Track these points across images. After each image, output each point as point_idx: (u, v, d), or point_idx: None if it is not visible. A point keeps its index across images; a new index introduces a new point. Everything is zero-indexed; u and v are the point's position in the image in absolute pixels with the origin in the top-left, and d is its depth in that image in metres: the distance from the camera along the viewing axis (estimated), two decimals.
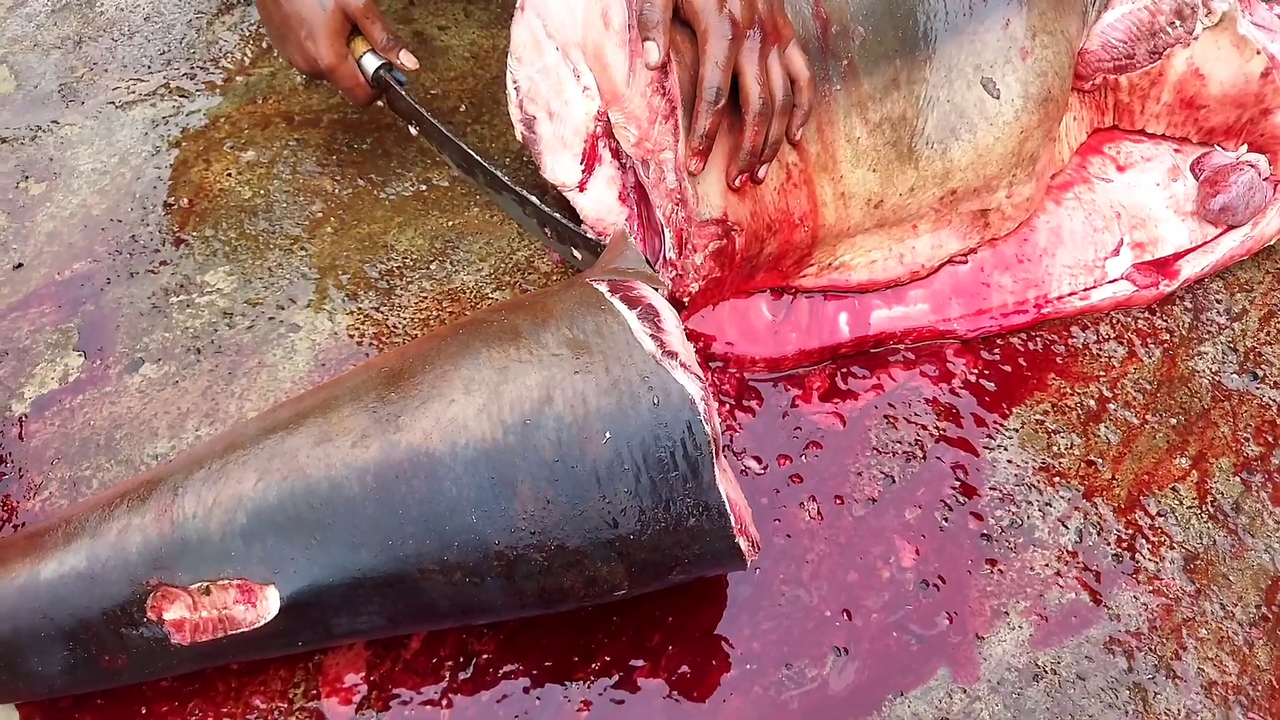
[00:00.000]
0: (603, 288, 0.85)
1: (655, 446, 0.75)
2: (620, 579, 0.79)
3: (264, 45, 1.39)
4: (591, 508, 0.76)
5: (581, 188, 1.11)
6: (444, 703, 0.87)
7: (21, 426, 1.02)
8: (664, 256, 1.03)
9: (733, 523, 0.78)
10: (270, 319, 1.11)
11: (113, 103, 1.31)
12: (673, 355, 0.78)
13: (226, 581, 0.76)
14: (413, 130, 1.19)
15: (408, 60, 1.12)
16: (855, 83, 1.04)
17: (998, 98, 1.09)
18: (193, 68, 1.36)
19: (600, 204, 1.10)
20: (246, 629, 0.77)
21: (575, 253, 1.10)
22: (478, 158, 1.13)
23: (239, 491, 0.77)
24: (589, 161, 1.09)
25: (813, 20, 1.04)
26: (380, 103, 1.19)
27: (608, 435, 0.75)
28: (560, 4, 1.08)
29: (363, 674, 0.88)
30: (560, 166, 1.11)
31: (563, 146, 1.13)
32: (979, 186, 1.12)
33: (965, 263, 1.16)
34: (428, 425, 0.77)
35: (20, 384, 1.05)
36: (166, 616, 0.76)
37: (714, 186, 1.01)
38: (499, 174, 1.11)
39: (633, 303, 0.82)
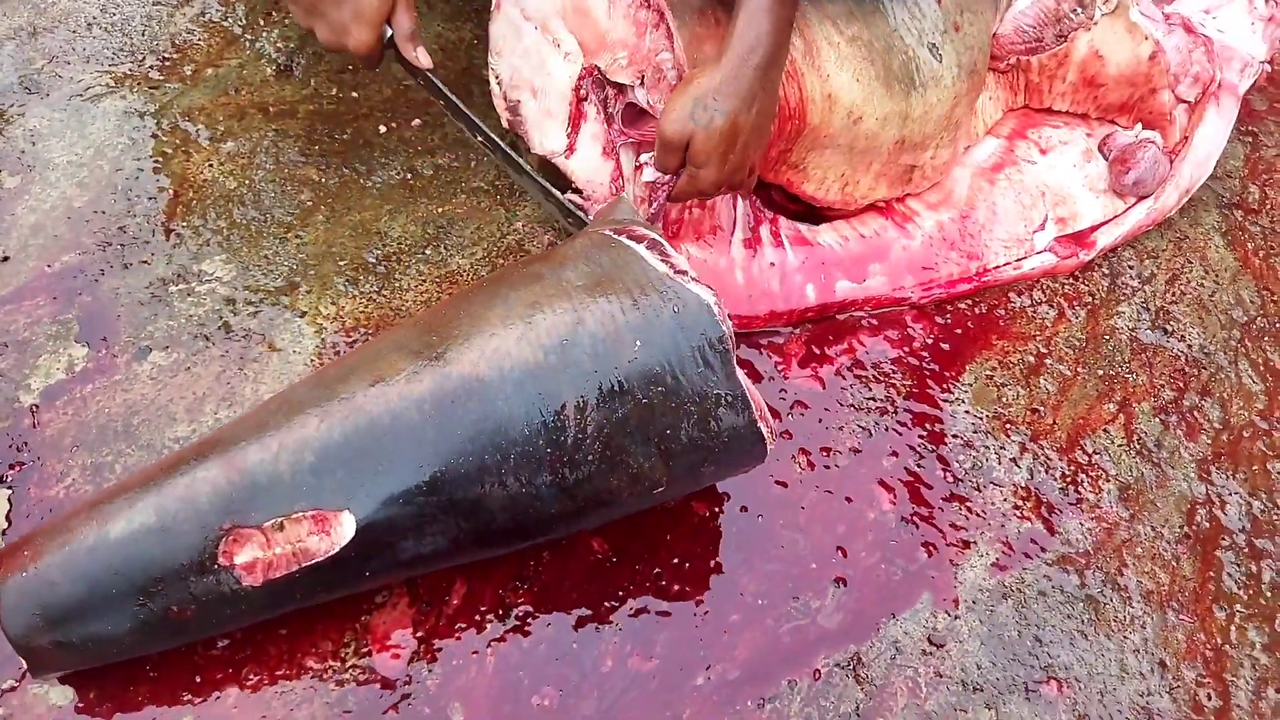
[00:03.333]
0: (608, 232, 0.95)
1: (682, 347, 0.85)
2: (660, 474, 0.88)
3: (229, 36, 1.40)
4: (630, 409, 0.85)
5: (570, 150, 1.19)
6: (489, 650, 0.94)
7: (34, 416, 1.03)
8: None
9: (754, 408, 0.88)
10: (274, 305, 1.14)
11: (80, 95, 1.31)
12: (683, 273, 0.89)
13: (300, 514, 0.81)
14: (419, 81, 1.19)
15: (424, 58, 1.14)
16: (819, 1, 1.15)
17: (940, 61, 1.22)
18: (159, 60, 1.36)
19: (588, 163, 1.18)
20: (321, 558, 0.81)
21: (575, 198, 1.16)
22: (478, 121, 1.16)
23: (303, 435, 0.82)
24: (574, 122, 1.17)
25: None
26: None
27: (638, 343, 0.85)
28: None
29: (409, 629, 0.94)
30: (548, 136, 1.19)
31: (547, 117, 1.20)
32: (916, 143, 1.25)
33: (914, 239, 1.28)
34: (474, 356, 0.84)
35: (25, 375, 1.06)
36: (238, 560, 0.81)
37: None
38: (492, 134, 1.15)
39: (639, 239, 0.93)
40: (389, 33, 1.13)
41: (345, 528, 0.81)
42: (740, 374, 0.88)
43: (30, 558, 0.81)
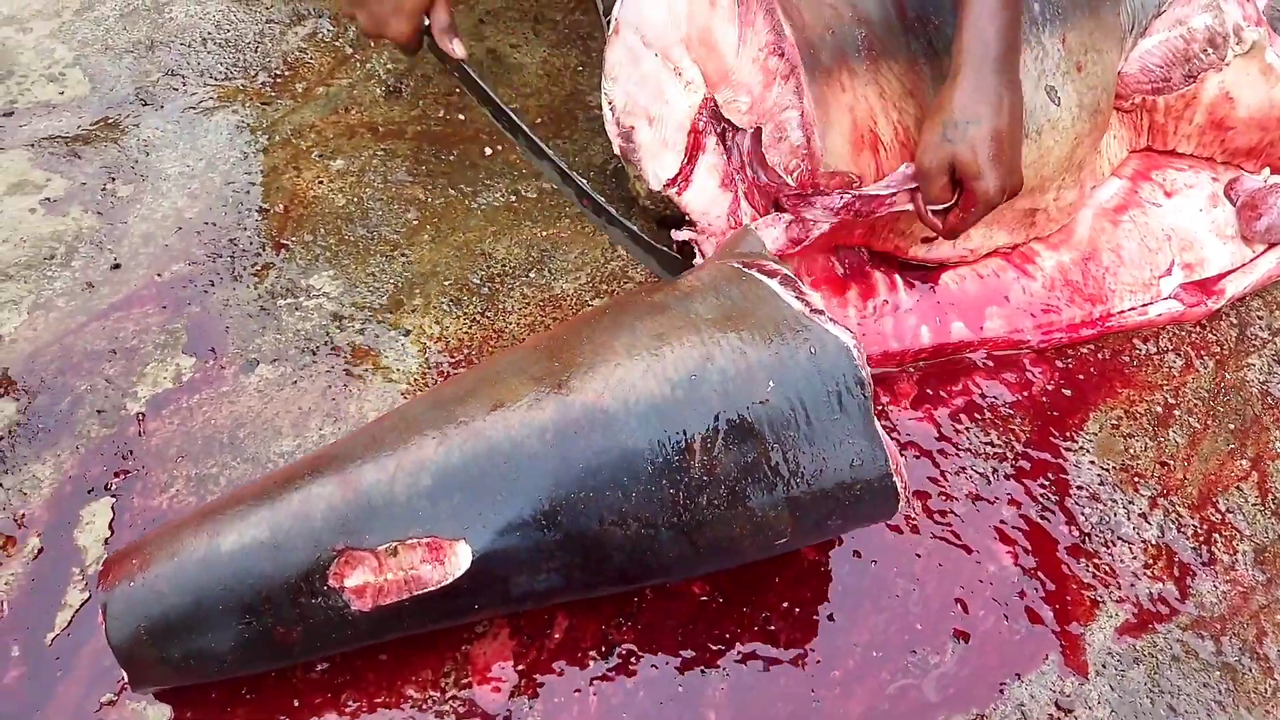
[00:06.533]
0: (737, 265, 0.90)
1: (817, 392, 0.80)
2: (785, 525, 0.83)
3: (340, 56, 1.41)
4: (759, 453, 0.80)
5: (686, 182, 1.16)
6: (592, 689, 0.90)
7: (140, 425, 1.02)
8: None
9: (890, 462, 0.83)
10: (380, 322, 1.13)
11: (193, 108, 1.32)
12: (819, 312, 0.84)
13: (415, 540, 0.78)
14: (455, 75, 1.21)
15: (459, 49, 1.15)
16: (936, 60, 1.12)
17: (1058, 104, 1.18)
18: (271, 76, 1.37)
19: (704, 194, 1.15)
20: (433, 587, 0.78)
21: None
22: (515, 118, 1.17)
23: (420, 456, 0.80)
24: (691, 153, 1.14)
25: (891, 5, 1.13)
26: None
27: (771, 384, 0.80)
28: (658, 10, 1.14)
29: (510, 662, 0.91)
30: (663, 166, 1.16)
31: (664, 147, 1.17)
32: (1035, 185, 1.20)
33: (1035, 280, 1.23)
34: (598, 386, 0.81)
35: (132, 383, 1.06)
36: (348, 583, 0.78)
37: (839, 140, 1.07)
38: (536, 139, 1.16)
39: (770, 274, 0.88)
40: (426, 23, 1.15)
41: (460, 558, 0.78)
42: (878, 424, 0.83)
43: (138, 567, 0.79)
